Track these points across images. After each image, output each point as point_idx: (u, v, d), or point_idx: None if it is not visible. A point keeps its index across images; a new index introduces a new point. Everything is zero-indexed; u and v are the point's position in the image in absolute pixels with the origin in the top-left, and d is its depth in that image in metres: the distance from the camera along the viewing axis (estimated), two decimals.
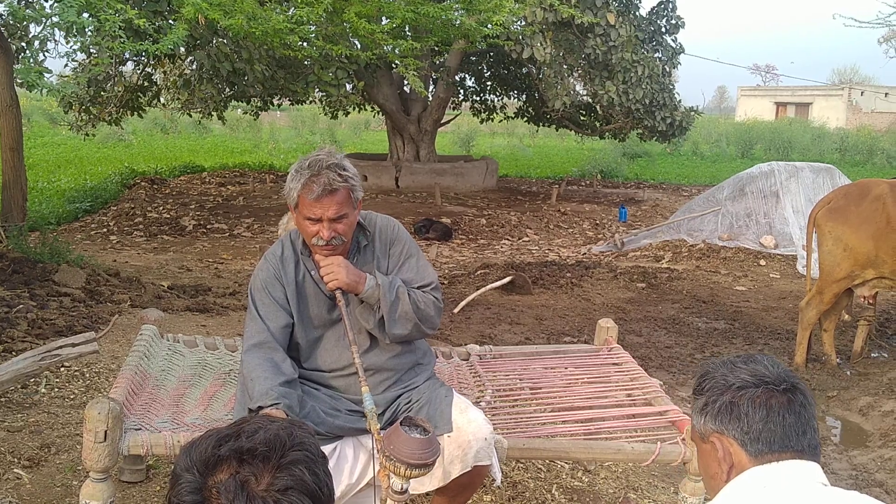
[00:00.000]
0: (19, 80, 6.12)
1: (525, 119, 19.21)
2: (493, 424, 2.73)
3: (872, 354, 6.17)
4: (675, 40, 16.13)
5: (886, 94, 43.51)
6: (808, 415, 1.50)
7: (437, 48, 14.19)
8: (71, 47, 7.40)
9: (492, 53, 16.82)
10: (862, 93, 44.70)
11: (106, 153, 19.87)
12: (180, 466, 1.22)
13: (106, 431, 2.43)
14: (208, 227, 11.36)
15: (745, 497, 1.47)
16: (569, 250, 10.75)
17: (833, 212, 5.65)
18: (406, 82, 13.26)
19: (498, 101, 19.20)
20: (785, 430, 1.48)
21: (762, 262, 9.47)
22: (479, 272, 8.43)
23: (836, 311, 5.92)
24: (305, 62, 11.64)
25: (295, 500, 1.18)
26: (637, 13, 14.87)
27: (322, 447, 1.40)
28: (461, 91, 18.70)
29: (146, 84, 13.92)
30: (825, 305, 5.73)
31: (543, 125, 19.14)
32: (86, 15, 6.71)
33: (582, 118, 17.03)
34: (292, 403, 2.40)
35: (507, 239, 11.47)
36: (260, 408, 2.34)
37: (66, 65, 10.41)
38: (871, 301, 5.81)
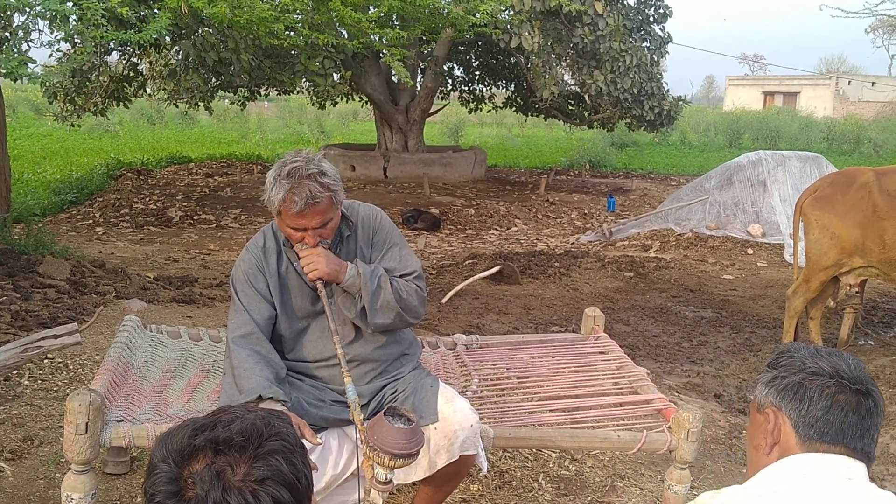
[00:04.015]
0: (2, 71, 6.05)
1: (513, 109, 19.18)
2: (480, 414, 2.72)
3: (859, 343, 6.20)
4: (662, 29, 16.11)
5: (874, 83, 43.68)
6: (872, 422, 1.49)
7: (424, 37, 14.13)
8: (55, 37, 7.31)
9: (480, 43, 16.77)
10: (849, 82, 44.86)
11: (92, 144, 19.74)
12: (156, 456, 1.20)
13: (87, 423, 2.40)
14: (195, 218, 11.30)
15: (784, 478, 1.47)
16: (557, 240, 10.75)
17: (819, 200, 5.65)
18: (393, 72, 13.19)
19: (486, 90, 19.14)
20: (843, 427, 1.47)
21: (749, 251, 9.50)
22: (467, 262, 8.42)
23: (822, 300, 5.93)
24: (292, 51, 11.57)
25: (272, 490, 1.16)
26: (625, 2, 14.83)
27: None
28: (449, 81, 18.63)
29: (132, 74, 13.80)
30: (812, 294, 5.74)
31: (532, 115, 19.11)
32: (69, 4, 6.63)
33: (570, 108, 17.01)
34: (286, 397, 2.39)
35: (496, 229, 11.46)
36: (260, 397, 2.32)
37: (51, 55, 10.30)
38: (857, 289, 5.83)
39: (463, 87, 19.01)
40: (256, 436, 1.20)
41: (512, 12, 12.86)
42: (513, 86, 18.47)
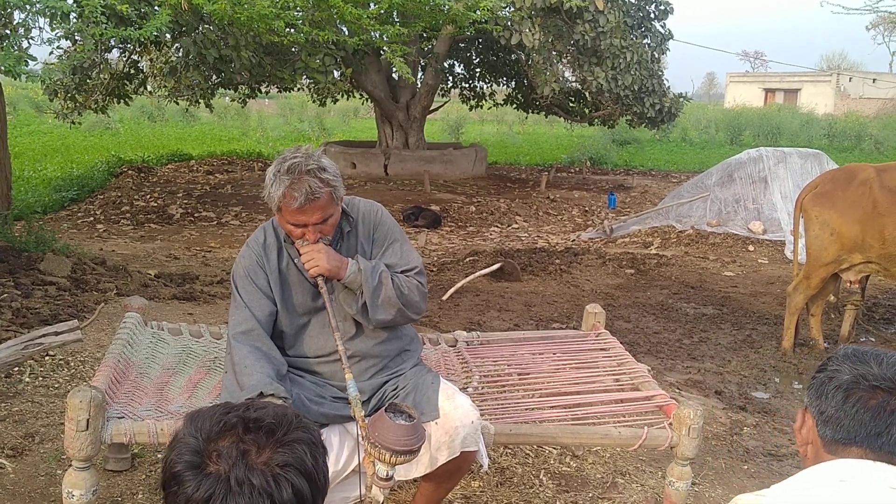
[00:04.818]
0: (2, 69, 6.06)
1: (514, 106, 19.14)
2: (481, 410, 2.72)
3: (860, 339, 6.19)
4: (663, 26, 16.08)
5: (874, 79, 43.62)
6: (893, 420, 1.42)
7: (425, 34, 14.10)
8: (55, 34, 7.31)
9: (480, 40, 16.75)
10: (850, 79, 44.79)
11: (92, 141, 19.72)
12: (184, 432, 1.21)
13: (88, 420, 2.40)
14: (196, 215, 11.29)
15: (823, 482, 1.43)
16: (558, 237, 10.74)
17: (819, 196, 5.65)
18: (394, 69, 13.18)
19: (487, 87, 19.12)
20: (854, 424, 1.44)
21: (750, 248, 9.49)
22: (468, 259, 8.41)
23: (823, 296, 5.93)
24: (292, 49, 11.56)
25: (292, 478, 1.17)
26: None
27: None
28: (450, 78, 18.62)
29: (132, 72, 13.80)
30: (812, 290, 5.74)
31: (533, 112, 19.08)
32: (69, 1, 6.63)
33: (571, 105, 16.99)
34: (286, 394, 2.39)
35: (497, 226, 11.46)
36: (261, 394, 2.32)
37: (51, 52, 10.30)
38: (858, 285, 5.82)
39: (463, 84, 18.99)
40: (286, 422, 1.21)
41: (512, 9, 12.84)
42: (513, 83, 18.44)
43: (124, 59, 13.40)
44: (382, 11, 11.31)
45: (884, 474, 1.41)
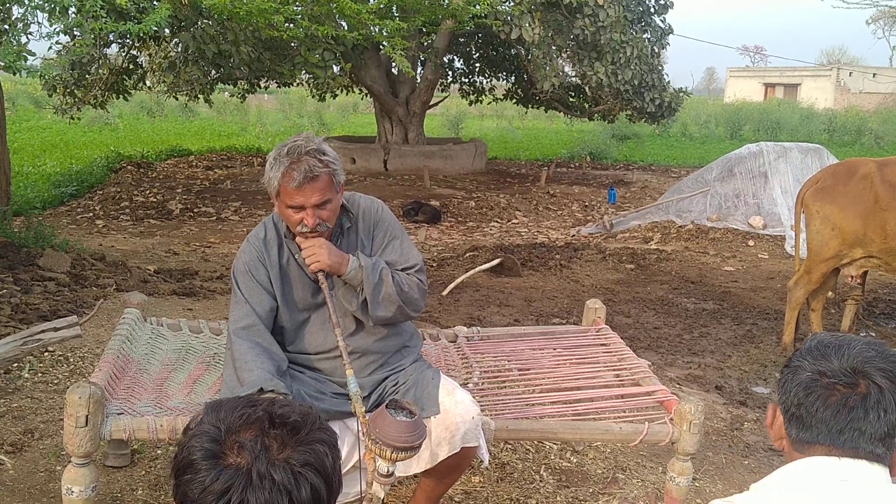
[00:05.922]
0: (1, 64, 6.04)
1: (514, 101, 19.12)
2: (481, 406, 2.71)
3: (860, 334, 6.19)
4: (663, 21, 16.07)
5: (874, 74, 43.60)
6: (854, 416, 1.39)
7: (424, 29, 14.08)
8: (54, 29, 7.29)
9: (480, 34, 16.73)
10: (850, 73, 44.78)
11: (92, 137, 19.70)
12: (204, 420, 1.19)
13: (87, 416, 2.39)
14: (195, 210, 11.28)
15: (784, 489, 1.42)
16: (558, 232, 10.74)
17: (821, 191, 5.63)
18: (394, 64, 13.15)
19: (487, 82, 19.10)
20: (816, 422, 1.42)
21: (751, 243, 9.49)
22: (467, 255, 8.40)
23: (823, 291, 5.92)
24: (291, 43, 11.54)
25: (311, 477, 1.15)
26: None
27: None
28: (449, 73, 18.59)
29: (131, 67, 13.77)
30: (813, 285, 5.73)
31: (532, 107, 19.05)
32: None
33: (571, 100, 16.97)
34: (287, 390, 2.38)
35: (496, 221, 11.45)
36: (261, 390, 2.31)
37: (50, 47, 10.28)
38: (859, 280, 5.82)
39: (463, 79, 18.96)
40: (310, 421, 1.20)
41: (512, 3, 12.82)
42: (513, 78, 18.41)
43: (123, 54, 13.38)
44: (382, 6, 11.29)
45: (849, 471, 1.40)
